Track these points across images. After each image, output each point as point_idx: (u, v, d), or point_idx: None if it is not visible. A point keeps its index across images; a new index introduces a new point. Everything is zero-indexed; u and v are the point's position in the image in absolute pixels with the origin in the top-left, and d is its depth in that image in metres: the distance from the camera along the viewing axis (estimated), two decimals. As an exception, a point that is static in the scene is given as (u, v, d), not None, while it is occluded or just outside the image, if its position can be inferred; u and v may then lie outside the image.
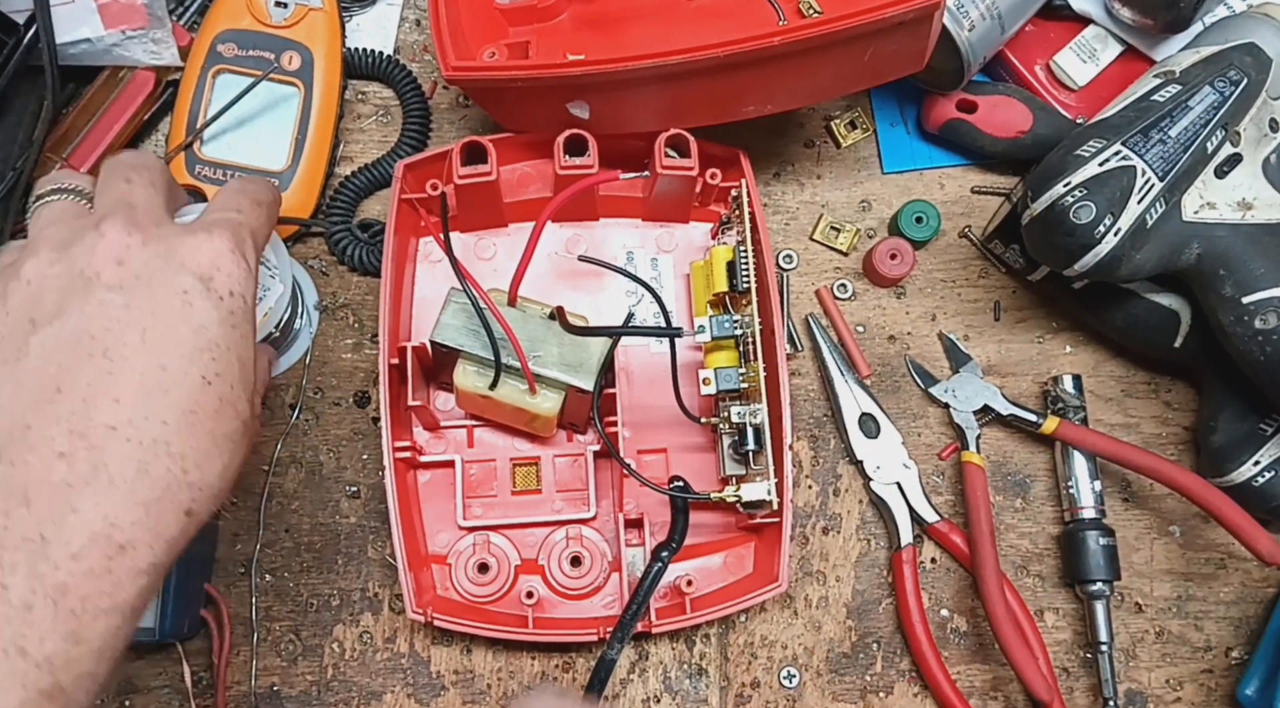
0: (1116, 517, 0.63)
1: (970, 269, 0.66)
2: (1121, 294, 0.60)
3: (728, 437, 0.58)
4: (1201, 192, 0.55)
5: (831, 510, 0.63)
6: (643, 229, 0.64)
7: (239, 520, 0.61)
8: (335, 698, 0.59)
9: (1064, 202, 0.53)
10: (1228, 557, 0.64)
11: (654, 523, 0.59)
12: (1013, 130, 0.63)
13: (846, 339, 0.64)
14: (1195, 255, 0.56)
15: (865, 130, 0.67)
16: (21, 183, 0.58)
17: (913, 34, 0.51)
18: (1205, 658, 0.63)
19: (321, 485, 0.62)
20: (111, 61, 0.61)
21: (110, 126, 0.61)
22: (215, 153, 0.62)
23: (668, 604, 0.58)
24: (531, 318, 0.55)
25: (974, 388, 0.63)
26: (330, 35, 0.63)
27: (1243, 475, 0.59)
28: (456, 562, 0.58)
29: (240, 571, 0.60)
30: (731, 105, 0.56)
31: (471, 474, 0.60)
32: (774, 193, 0.67)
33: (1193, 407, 0.65)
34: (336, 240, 0.63)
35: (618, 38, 0.60)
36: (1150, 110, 0.55)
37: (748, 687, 0.61)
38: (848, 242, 0.66)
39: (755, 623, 0.61)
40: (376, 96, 0.66)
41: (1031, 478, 0.64)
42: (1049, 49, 0.65)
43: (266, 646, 0.60)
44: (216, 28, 0.62)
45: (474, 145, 0.57)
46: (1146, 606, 0.63)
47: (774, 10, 0.56)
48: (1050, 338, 0.66)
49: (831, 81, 0.56)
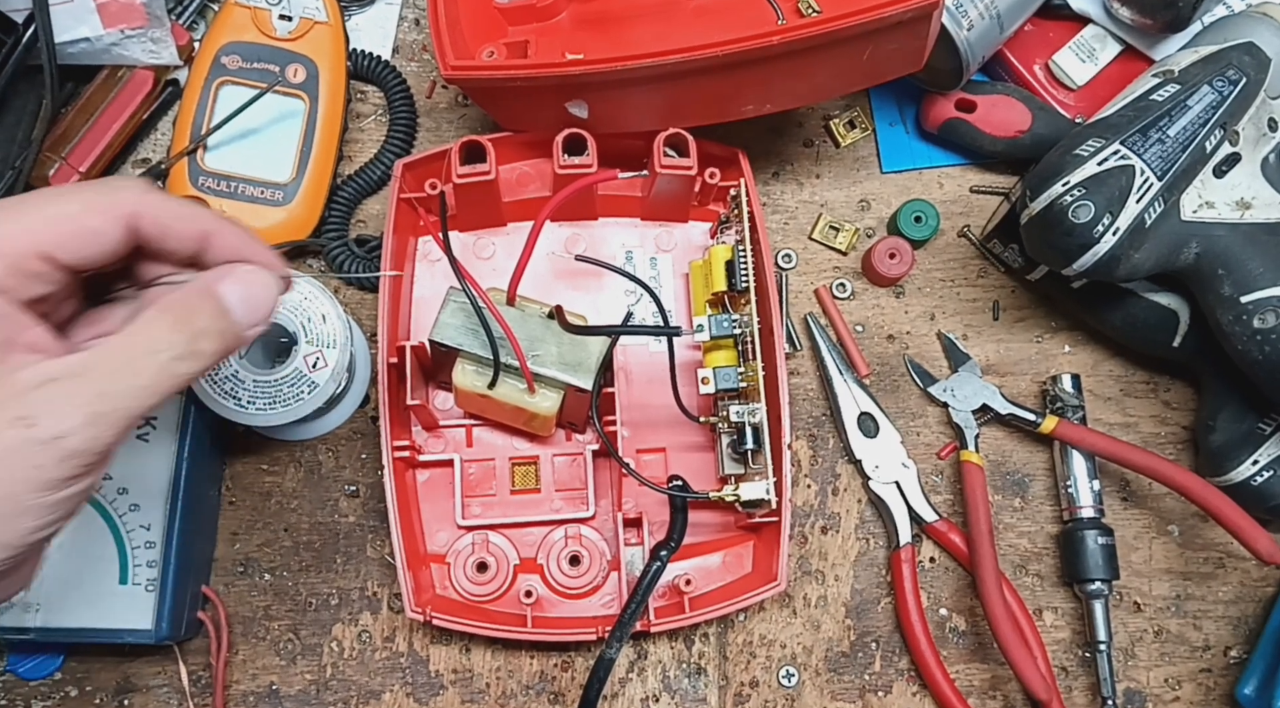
0: (1115, 516, 0.63)
1: (969, 269, 0.66)
2: (1120, 294, 0.60)
3: (726, 436, 0.58)
4: (1200, 191, 0.55)
5: (830, 510, 0.63)
6: (641, 228, 0.64)
7: (238, 520, 0.61)
8: (334, 697, 0.59)
9: (1063, 201, 0.53)
10: (1226, 556, 0.64)
11: (653, 522, 0.59)
12: (1012, 130, 0.64)
13: (845, 338, 0.64)
14: (1194, 255, 0.56)
15: (864, 130, 0.67)
16: (21, 182, 0.58)
17: (911, 33, 0.51)
18: (1204, 657, 0.63)
19: (320, 485, 0.62)
20: (110, 61, 0.61)
21: (109, 126, 0.61)
22: (219, 164, 0.61)
23: (666, 603, 0.58)
24: (530, 317, 0.55)
25: (973, 387, 0.63)
26: (335, 48, 0.62)
27: (1241, 475, 0.59)
28: (455, 561, 0.58)
29: (239, 570, 0.60)
30: (730, 105, 0.56)
31: (470, 473, 0.60)
32: (773, 192, 0.67)
33: (1191, 406, 0.65)
34: (334, 257, 0.62)
35: (617, 37, 0.60)
36: (1149, 110, 0.55)
37: (746, 686, 0.61)
38: (847, 241, 0.66)
39: (754, 622, 0.61)
40: (376, 95, 0.66)
41: (1030, 477, 0.64)
42: (1048, 48, 0.65)
43: (265, 645, 0.60)
44: (221, 39, 0.62)
45: (473, 144, 0.57)
46: (1145, 605, 0.63)
47: (773, 10, 0.56)
48: (1049, 337, 0.66)
49: (830, 81, 0.56)
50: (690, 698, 0.60)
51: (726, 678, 0.61)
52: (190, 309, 0.36)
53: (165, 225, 0.37)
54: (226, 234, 0.38)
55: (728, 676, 0.61)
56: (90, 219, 0.35)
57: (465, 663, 0.60)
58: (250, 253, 0.39)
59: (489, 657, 0.60)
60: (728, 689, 0.61)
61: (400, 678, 0.60)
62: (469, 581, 0.58)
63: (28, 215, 0.34)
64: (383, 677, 0.60)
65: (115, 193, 0.36)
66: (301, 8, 0.62)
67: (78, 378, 0.33)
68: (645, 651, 0.61)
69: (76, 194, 0.36)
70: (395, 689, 0.60)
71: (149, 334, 0.35)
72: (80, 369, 0.33)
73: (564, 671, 0.60)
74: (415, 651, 0.60)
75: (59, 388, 0.32)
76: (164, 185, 0.61)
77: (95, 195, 0.36)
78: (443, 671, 0.60)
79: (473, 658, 0.60)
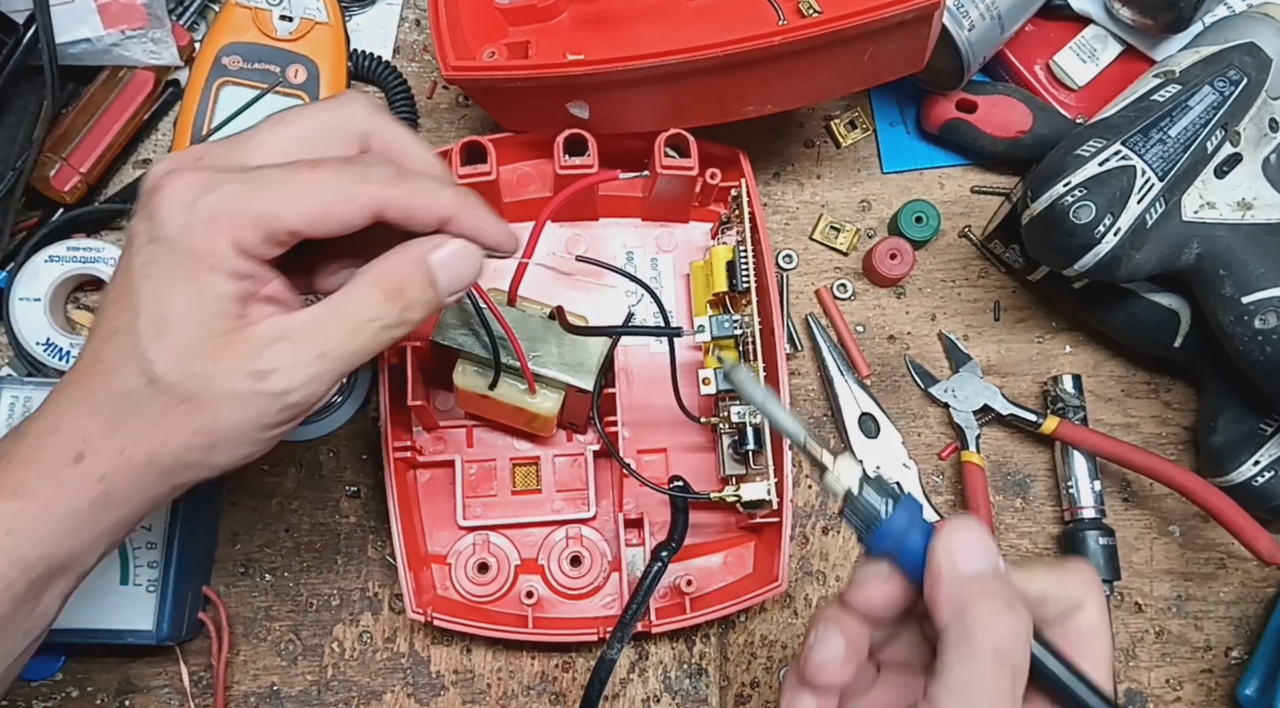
0: (1116, 517, 0.63)
1: (970, 269, 0.66)
2: (1121, 294, 0.60)
3: (727, 436, 0.58)
4: (1201, 191, 0.55)
5: (831, 510, 0.63)
6: (642, 229, 0.64)
7: (239, 520, 0.61)
8: (335, 698, 0.59)
9: (1064, 201, 0.53)
10: (1227, 557, 0.64)
11: (654, 523, 0.59)
12: (1012, 130, 0.63)
13: (846, 339, 0.64)
14: (1195, 255, 0.56)
15: (865, 130, 0.67)
16: (21, 182, 0.58)
17: (912, 34, 0.51)
18: (1205, 658, 0.63)
19: (321, 485, 0.61)
20: (111, 61, 0.61)
21: (110, 126, 0.61)
22: None
23: (667, 604, 0.58)
24: (531, 318, 0.55)
25: (974, 388, 0.63)
26: (336, 49, 0.62)
27: (1242, 475, 0.59)
28: (456, 562, 0.58)
29: (240, 570, 0.60)
30: (731, 105, 0.56)
31: (471, 474, 0.60)
32: (774, 193, 0.67)
33: (1192, 406, 0.65)
34: None
35: (617, 38, 0.60)
36: (1150, 110, 0.55)
37: (747, 687, 0.61)
38: (847, 241, 0.66)
39: (755, 623, 0.61)
40: (376, 96, 0.66)
41: (1031, 478, 0.64)
42: (1049, 49, 0.65)
43: (266, 645, 0.60)
44: (221, 40, 0.62)
45: (474, 145, 0.57)
46: (1146, 605, 0.63)
47: (774, 10, 0.56)
48: (1050, 338, 0.66)
49: (831, 81, 0.56)
50: (691, 699, 0.60)
51: (728, 679, 0.61)
52: (404, 282, 0.39)
53: (410, 215, 0.39)
54: (462, 220, 0.40)
55: (729, 676, 0.61)
56: (342, 210, 0.37)
57: (466, 664, 0.60)
58: (485, 236, 0.40)
59: (490, 657, 0.60)
60: (729, 690, 0.61)
61: (401, 679, 0.60)
62: (470, 581, 0.58)
63: (287, 193, 0.37)
64: (384, 677, 0.60)
65: (367, 186, 0.38)
66: (302, 8, 0.62)
67: (304, 340, 0.37)
68: (646, 651, 0.61)
69: (332, 183, 0.37)
70: (396, 690, 0.60)
71: (366, 304, 0.38)
72: (306, 331, 0.37)
73: (565, 671, 0.60)
74: (416, 651, 0.60)
75: (288, 347, 0.37)
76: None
77: (349, 187, 0.37)
78: (444, 671, 0.60)
79: (474, 659, 0.60)
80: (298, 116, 0.39)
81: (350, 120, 0.40)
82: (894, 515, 0.36)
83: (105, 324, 0.38)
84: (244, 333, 0.37)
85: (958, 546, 0.35)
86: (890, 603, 0.37)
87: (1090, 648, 0.36)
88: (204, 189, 0.36)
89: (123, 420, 0.37)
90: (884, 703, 0.38)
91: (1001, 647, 0.33)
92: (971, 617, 0.33)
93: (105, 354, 0.37)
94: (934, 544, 0.35)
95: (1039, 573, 0.37)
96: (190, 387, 0.36)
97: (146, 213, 0.37)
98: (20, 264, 0.58)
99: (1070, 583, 0.37)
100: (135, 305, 0.36)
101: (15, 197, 0.58)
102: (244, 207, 0.36)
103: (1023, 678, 0.33)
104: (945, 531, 0.35)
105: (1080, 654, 0.36)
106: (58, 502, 0.37)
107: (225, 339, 0.36)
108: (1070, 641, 0.36)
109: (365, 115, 0.40)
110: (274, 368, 0.37)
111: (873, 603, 0.37)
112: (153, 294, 0.36)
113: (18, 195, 0.58)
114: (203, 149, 0.39)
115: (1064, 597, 0.37)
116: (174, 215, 0.36)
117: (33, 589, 0.38)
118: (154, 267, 0.36)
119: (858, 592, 0.37)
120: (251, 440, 0.38)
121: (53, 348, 0.58)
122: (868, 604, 0.37)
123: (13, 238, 0.59)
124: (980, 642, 0.33)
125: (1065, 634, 0.36)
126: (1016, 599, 0.34)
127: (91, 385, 0.37)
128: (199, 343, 0.36)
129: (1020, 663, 0.33)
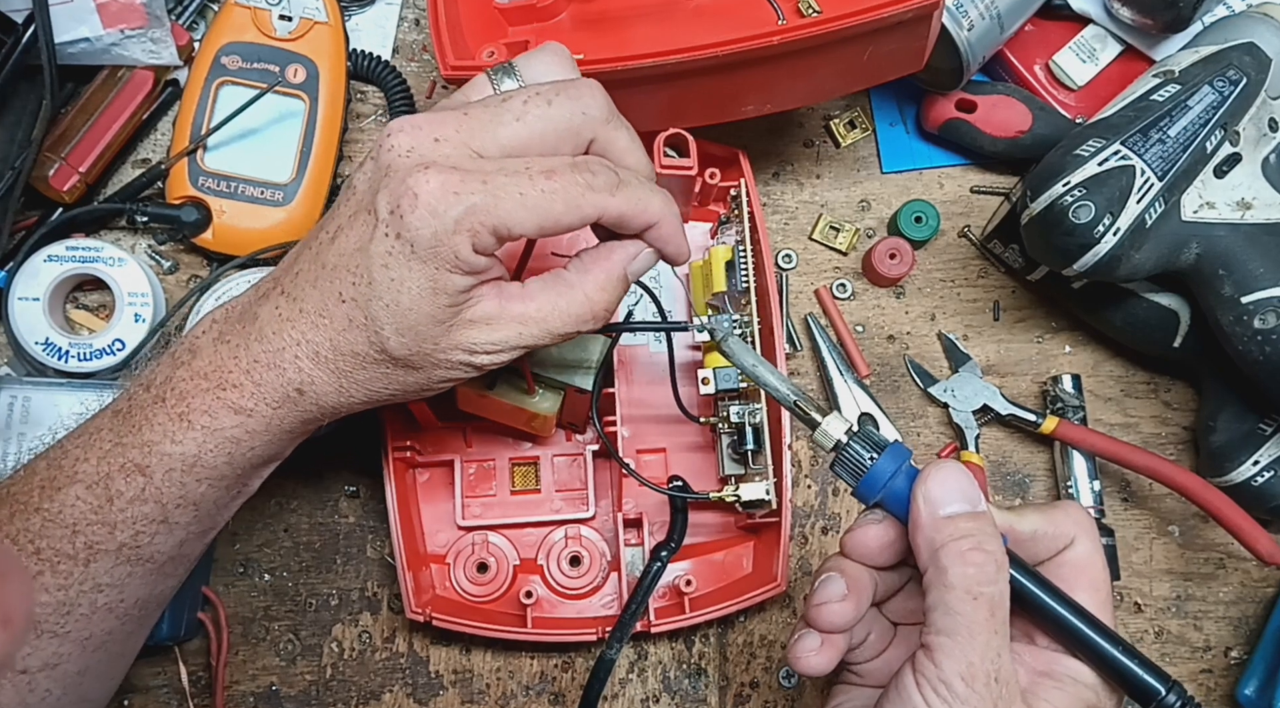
0: (1116, 517, 0.63)
1: (969, 269, 0.66)
2: (1121, 294, 0.60)
3: (727, 436, 0.58)
4: (1201, 191, 0.55)
5: (831, 510, 0.63)
6: (642, 229, 0.63)
7: (237, 520, 0.61)
8: (334, 698, 0.59)
9: (1063, 201, 0.53)
10: (1227, 557, 0.64)
11: (653, 523, 0.59)
12: (1012, 130, 0.63)
13: (846, 339, 0.64)
14: (1194, 255, 0.56)
15: (864, 130, 0.67)
16: (20, 182, 0.58)
17: (912, 34, 0.51)
18: (1204, 658, 0.63)
19: (320, 485, 0.61)
20: (110, 61, 0.61)
21: (109, 126, 0.61)
22: (219, 164, 0.61)
23: (667, 604, 0.58)
24: (530, 317, 0.54)
25: (973, 388, 0.63)
26: (335, 49, 0.62)
27: (1242, 475, 0.59)
28: (455, 561, 0.58)
29: (239, 570, 0.60)
30: (731, 105, 0.56)
31: (470, 474, 0.60)
32: (773, 192, 0.67)
33: (1192, 406, 0.65)
34: None
35: (617, 37, 0.60)
36: (1149, 110, 0.55)
37: (746, 687, 0.61)
38: (847, 241, 0.66)
39: (754, 623, 0.61)
40: (376, 96, 0.66)
41: (1031, 478, 0.64)
42: (1048, 49, 0.65)
43: (265, 645, 0.60)
44: (221, 39, 0.62)
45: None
46: (1146, 605, 0.63)
47: (773, 10, 0.56)
48: (1049, 338, 0.66)
49: (831, 81, 0.56)
50: (690, 699, 0.60)
51: (727, 679, 0.61)
52: (604, 288, 0.44)
53: (623, 223, 0.43)
54: (662, 229, 0.44)
55: (728, 676, 0.61)
56: (568, 218, 0.41)
57: (465, 664, 0.60)
58: (673, 251, 0.45)
59: (489, 657, 0.60)
60: (728, 690, 0.61)
61: (400, 679, 0.60)
62: (469, 581, 0.58)
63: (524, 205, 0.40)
64: (383, 677, 0.60)
65: (593, 196, 0.41)
66: (301, 8, 0.62)
67: (507, 325, 0.42)
68: (645, 651, 0.61)
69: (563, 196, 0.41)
70: (395, 690, 0.60)
71: (569, 305, 0.43)
72: (513, 325, 0.43)
73: (564, 671, 0.60)
74: (415, 651, 0.60)
75: (495, 330, 0.42)
76: (164, 186, 0.61)
77: (578, 198, 0.41)
78: (443, 671, 0.60)
79: (473, 659, 0.60)
80: (537, 117, 0.42)
81: (584, 122, 0.43)
82: (879, 463, 0.38)
83: (336, 281, 0.41)
84: (464, 316, 0.42)
85: (934, 489, 0.37)
86: (885, 546, 0.40)
87: (1088, 580, 0.39)
88: (453, 199, 0.39)
89: (348, 372, 0.43)
90: (899, 660, 0.39)
91: (973, 581, 0.35)
92: (943, 555, 0.36)
93: (335, 314, 0.42)
94: (914, 490, 0.37)
95: (1030, 514, 0.40)
96: (414, 360, 0.42)
97: (391, 199, 0.40)
98: (19, 264, 0.58)
99: (1060, 520, 0.40)
100: (372, 288, 0.41)
101: (14, 196, 0.58)
102: (485, 218, 0.39)
103: (1002, 610, 0.36)
104: (924, 475, 0.38)
105: (1077, 587, 0.39)
106: (276, 422, 0.44)
107: (448, 326, 0.42)
108: (1065, 575, 0.39)
109: (598, 119, 0.43)
110: (483, 348, 0.43)
111: (868, 546, 0.40)
112: (391, 285, 0.40)
113: (17, 195, 0.58)
114: (439, 122, 0.41)
115: (1055, 534, 0.40)
116: (425, 223, 0.39)
117: (243, 479, 0.46)
118: (394, 260, 0.40)
119: (852, 536, 0.40)
120: (445, 388, 0.45)
121: (51, 347, 0.58)
122: (864, 548, 0.40)
123: (12, 237, 0.59)
124: (951, 578, 0.36)
125: (1060, 569, 0.39)
126: (990, 537, 0.37)
127: (317, 338, 0.42)
128: (427, 329, 0.41)
129: (994, 596, 0.36)
